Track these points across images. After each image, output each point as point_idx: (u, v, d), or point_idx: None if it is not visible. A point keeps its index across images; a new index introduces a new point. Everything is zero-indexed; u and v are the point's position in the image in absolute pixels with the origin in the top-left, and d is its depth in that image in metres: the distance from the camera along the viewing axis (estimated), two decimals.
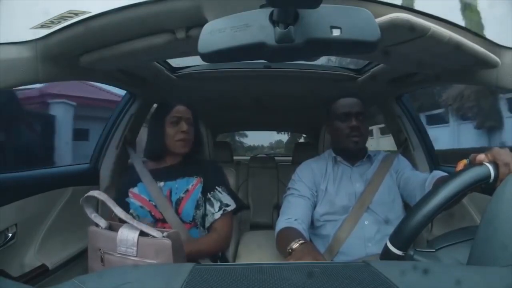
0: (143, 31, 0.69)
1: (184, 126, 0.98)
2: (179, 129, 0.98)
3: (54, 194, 1.00)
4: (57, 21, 0.63)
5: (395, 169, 1.00)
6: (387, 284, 0.31)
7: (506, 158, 0.47)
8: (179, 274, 0.35)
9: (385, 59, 0.87)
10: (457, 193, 0.46)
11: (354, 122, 0.96)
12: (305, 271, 0.37)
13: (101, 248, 0.74)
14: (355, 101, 0.99)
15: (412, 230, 0.45)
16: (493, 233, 0.38)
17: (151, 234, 0.71)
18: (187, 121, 1.00)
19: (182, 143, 0.98)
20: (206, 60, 0.45)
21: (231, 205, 0.98)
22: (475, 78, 0.76)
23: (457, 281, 0.31)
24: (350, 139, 0.97)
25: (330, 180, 0.98)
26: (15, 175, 0.96)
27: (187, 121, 1.00)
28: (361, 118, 0.97)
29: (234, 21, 0.40)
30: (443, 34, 0.60)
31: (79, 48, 0.75)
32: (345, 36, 0.39)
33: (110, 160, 1.24)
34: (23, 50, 0.68)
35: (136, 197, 0.96)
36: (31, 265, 0.90)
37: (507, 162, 0.47)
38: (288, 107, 1.80)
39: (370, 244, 0.88)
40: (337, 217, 0.93)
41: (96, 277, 0.42)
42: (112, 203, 0.75)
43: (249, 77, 1.24)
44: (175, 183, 0.97)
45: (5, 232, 0.84)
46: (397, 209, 0.94)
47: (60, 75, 0.79)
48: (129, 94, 1.25)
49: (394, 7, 0.59)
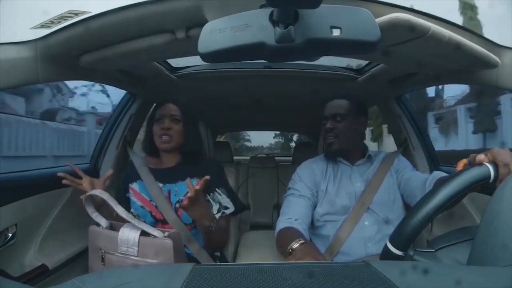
0: (143, 31, 0.69)
1: (166, 123, 0.98)
2: (161, 126, 0.98)
3: (54, 194, 1.00)
4: (57, 21, 0.63)
5: (396, 169, 1.00)
6: (387, 284, 0.31)
7: (506, 158, 0.47)
8: (179, 274, 0.35)
9: (385, 59, 0.87)
10: (457, 193, 0.46)
11: (328, 125, 0.99)
12: (305, 271, 0.37)
13: (102, 248, 0.75)
14: (336, 102, 1.01)
15: (412, 230, 0.45)
16: (493, 233, 0.38)
17: (152, 234, 0.71)
18: (171, 117, 0.99)
19: (163, 138, 0.97)
20: (206, 60, 0.45)
21: (230, 208, 0.98)
22: (475, 78, 0.76)
23: (457, 281, 0.31)
24: (326, 141, 1.00)
25: (330, 180, 0.98)
26: (15, 175, 0.96)
27: (171, 118, 0.99)
28: (338, 119, 0.98)
29: (234, 21, 0.40)
30: (443, 34, 0.60)
31: (79, 48, 0.75)
32: (345, 36, 0.38)
33: (110, 160, 1.24)
34: (23, 50, 0.68)
35: (136, 195, 0.96)
36: (31, 265, 0.90)
37: (507, 162, 0.47)
38: (288, 107, 1.80)
39: (370, 244, 0.88)
40: (337, 217, 0.93)
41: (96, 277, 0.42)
42: (113, 202, 0.75)
43: (249, 77, 1.24)
44: (175, 186, 0.97)
45: (5, 232, 0.84)
46: (397, 209, 0.94)
47: (60, 75, 0.79)
48: (129, 94, 1.25)
49: (394, 7, 0.59)
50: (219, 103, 1.70)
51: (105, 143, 1.25)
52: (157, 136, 0.97)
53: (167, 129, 0.97)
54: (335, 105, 1.01)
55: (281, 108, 1.83)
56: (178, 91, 1.29)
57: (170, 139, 0.97)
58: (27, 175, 1.00)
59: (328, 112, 1.01)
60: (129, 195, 0.98)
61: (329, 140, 0.99)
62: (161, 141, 0.97)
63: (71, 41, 0.69)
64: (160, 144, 0.98)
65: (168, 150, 0.99)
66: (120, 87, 1.15)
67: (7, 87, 0.67)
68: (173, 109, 1.00)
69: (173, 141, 0.98)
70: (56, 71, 0.75)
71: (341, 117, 0.98)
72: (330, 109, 1.01)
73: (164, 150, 0.99)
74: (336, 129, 0.98)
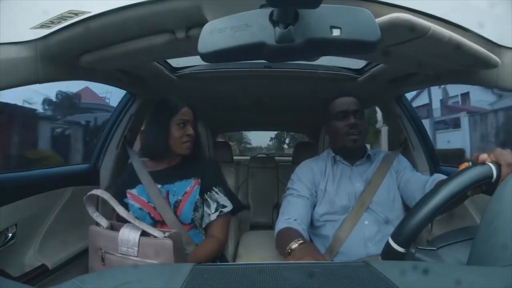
0: (143, 31, 0.69)
1: (190, 129, 0.99)
2: (185, 132, 0.98)
3: (54, 194, 1.00)
4: (57, 21, 0.63)
5: (395, 169, 1.00)
6: (387, 284, 0.31)
7: (509, 159, 0.48)
8: (179, 274, 0.35)
9: (385, 59, 0.87)
10: (460, 191, 0.46)
11: (352, 120, 0.95)
12: (305, 271, 0.37)
13: (102, 248, 0.75)
14: (352, 99, 0.99)
15: (414, 227, 0.45)
16: (493, 233, 0.38)
17: (152, 234, 0.71)
18: (192, 124, 1.00)
19: (187, 145, 0.99)
20: (206, 60, 0.45)
21: (228, 206, 0.98)
22: (475, 78, 0.76)
23: (457, 281, 0.31)
24: (349, 137, 0.96)
25: (329, 180, 0.98)
26: (15, 175, 0.96)
27: (192, 124, 1.00)
28: (358, 116, 0.97)
29: (234, 21, 0.40)
30: (443, 34, 0.60)
31: (79, 48, 0.75)
32: (345, 36, 0.38)
33: (110, 160, 1.24)
34: (23, 50, 0.68)
35: (134, 199, 0.96)
36: (31, 265, 0.90)
37: (509, 162, 0.47)
38: (288, 107, 1.80)
39: (370, 244, 0.88)
40: (337, 217, 0.93)
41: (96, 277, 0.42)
42: (114, 202, 0.75)
43: (249, 77, 1.24)
44: (173, 186, 0.96)
45: (5, 232, 0.84)
46: (397, 209, 0.94)
47: (60, 75, 0.79)
48: (129, 94, 1.25)
49: (394, 7, 0.59)
50: (219, 103, 1.70)
51: (105, 143, 1.25)
52: (180, 142, 0.97)
53: (192, 136, 0.99)
54: (353, 102, 0.98)
55: (281, 108, 1.83)
56: (178, 91, 1.29)
57: (191, 145, 0.99)
58: (27, 175, 1.00)
59: (347, 107, 0.97)
60: (126, 200, 0.96)
61: (353, 137, 0.95)
62: (185, 147, 0.98)
63: (71, 41, 0.68)
64: (181, 150, 0.98)
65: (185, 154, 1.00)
66: (120, 87, 1.15)
67: (7, 87, 0.66)
68: (191, 114, 1.01)
69: (192, 146, 1.00)
70: (56, 71, 0.75)
71: (361, 114, 0.98)
72: (349, 105, 0.97)
73: (183, 154, 1.00)
74: (359, 125, 0.96)
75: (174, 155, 1.01)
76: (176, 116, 0.98)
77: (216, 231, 0.97)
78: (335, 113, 0.99)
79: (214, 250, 0.95)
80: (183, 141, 0.97)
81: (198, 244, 0.94)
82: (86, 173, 1.22)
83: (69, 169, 1.25)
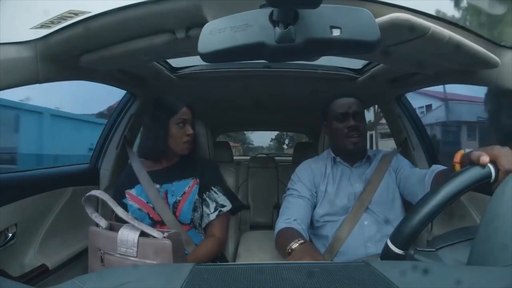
0: (143, 31, 0.69)
1: (190, 129, 0.99)
2: (185, 131, 0.98)
3: (54, 194, 1.00)
4: (57, 21, 0.63)
5: (394, 168, 0.99)
6: (387, 284, 0.31)
7: (508, 159, 0.47)
8: (179, 274, 0.35)
9: (385, 59, 0.87)
10: (459, 192, 0.46)
11: (353, 122, 0.94)
12: (305, 271, 0.37)
13: (101, 248, 0.74)
14: (352, 100, 0.97)
15: (413, 229, 0.45)
16: (493, 233, 0.38)
17: (151, 235, 0.71)
18: (191, 123, 1.00)
19: (187, 145, 0.99)
20: (206, 60, 0.45)
21: (227, 205, 0.98)
22: (475, 78, 0.76)
23: (457, 281, 0.31)
24: (349, 140, 0.95)
25: (329, 181, 0.98)
26: (15, 175, 0.96)
27: (191, 123, 1.00)
28: (359, 117, 0.96)
29: (234, 21, 0.40)
30: (443, 34, 0.60)
31: (79, 48, 0.75)
32: (345, 36, 0.38)
33: (110, 160, 1.24)
34: (23, 50, 0.68)
35: (133, 199, 0.96)
36: (31, 265, 0.90)
37: (508, 162, 0.47)
38: (288, 107, 1.80)
39: (370, 244, 0.88)
40: (337, 217, 0.93)
41: (96, 277, 0.42)
42: (113, 203, 0.75)
43: (249, 77, 1.24)
44: (171, 186, 0.96)
45: (5, 232, 0.84)
46: (396, 209, 0.93)
47: (60, 75, 0.79)
48: (129, 94, 1.25)
49: (394, 7, 0.59)
50: (219, 103, 1.70)
51: (105, 143, 1.25)
52: (180, 142, 0.98)
53: (191, 135, 0.99)
54: (354, 103, 0.96)
55: (281, 108, 1.83)
56: (178, 91, 1.29)
57: (191, 145, 1.00)
58: (27, 175, 1.00)
59: (348, 109, 0.95)
60: (125, 201, 0.96)
61: (353, 139, 0.94)
62: (185, 147, 0.99)
63: (71, 41, 0.69)
64: (181, 149, 0.99)
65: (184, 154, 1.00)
66: (120, 87, 1.15)
67: (7, 87, 0.66)
68: (190, 114, 1.01)
69: (192, 145, 1.00)
70: (56, 71, 0.75)
71: (361, 115, 0.97)
72: (350, 106, 0.96)
73: (182, 154, 1.00)
74: (360, 127, 0.95)
75: (173, 155, 1.01)
76: (176, 116, 0.97)
77: (216, 230, 0.97)
78: (335, 115, 0.98)
79: (214, 249, 0.95)
80: (184, 141, 0.97)
81: (198, 244, 0.94)
82: (86, 173, 1.22)
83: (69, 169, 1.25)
